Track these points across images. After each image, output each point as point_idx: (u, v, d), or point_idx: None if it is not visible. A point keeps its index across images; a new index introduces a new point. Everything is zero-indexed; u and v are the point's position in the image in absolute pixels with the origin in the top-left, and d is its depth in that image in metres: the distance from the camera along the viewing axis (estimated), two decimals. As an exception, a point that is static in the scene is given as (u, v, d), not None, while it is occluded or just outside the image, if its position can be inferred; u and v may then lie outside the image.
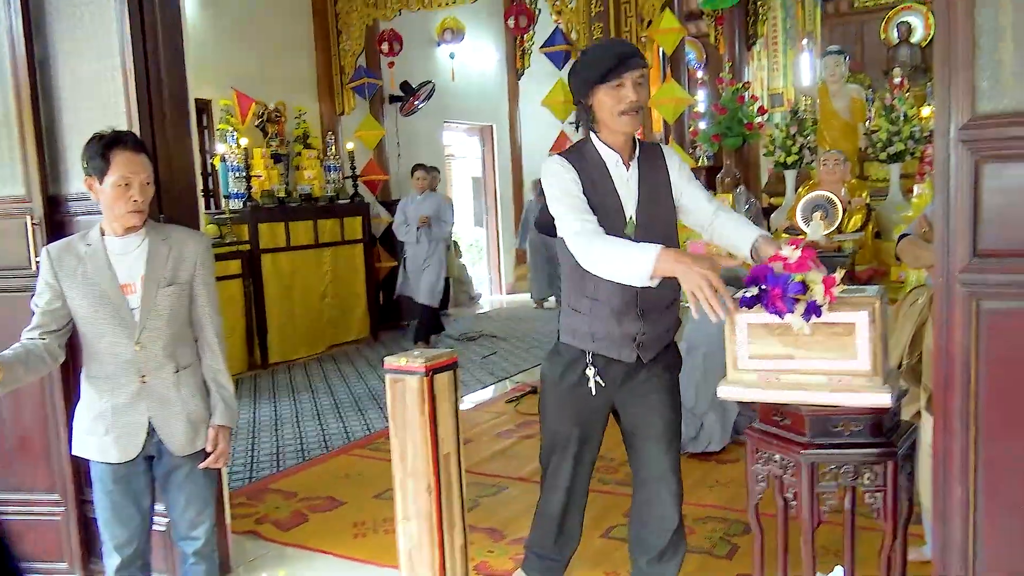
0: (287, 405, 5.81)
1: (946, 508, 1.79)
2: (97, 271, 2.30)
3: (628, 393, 2.40)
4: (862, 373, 1.76)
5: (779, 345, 1.82)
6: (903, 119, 6.56)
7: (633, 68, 2.21)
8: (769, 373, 1.85)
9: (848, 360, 1.76)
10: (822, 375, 1.80)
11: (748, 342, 1.86)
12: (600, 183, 2.28)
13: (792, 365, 1.82)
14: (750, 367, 1.87)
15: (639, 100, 2.23)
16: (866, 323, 1.74)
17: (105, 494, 2.38)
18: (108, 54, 2.84)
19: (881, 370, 1.74)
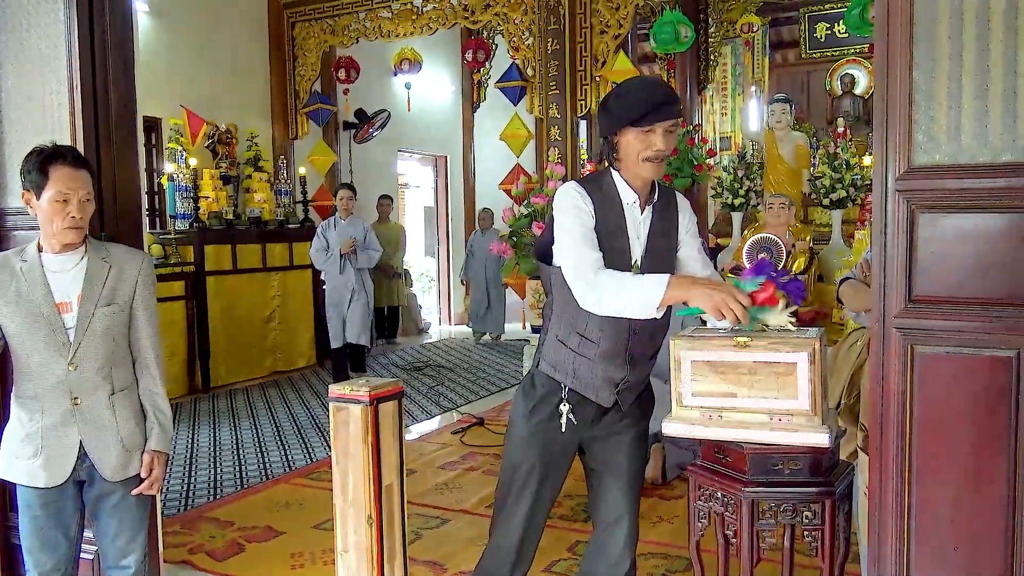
0: (227, 431, 5.68)
1: (880, 547, 1.83)
2: (32, 288, 2.24)
3: (597, 434, 2.33)
4: (802, 412, 1.78)
5: (722, 383, 1.84)
6: (845, 167, 6.78)
7: (668, 117, 2.12)
8: (712, 411, 1.86)
9: (788, 400, 1.79)
10: (763, 414, 1.81)
11: (692, 379, 1.87)
12: (613, 221, 2.20)
13: (734, 403, 1.84)
14: (694, 404, 1.88)
15: (666, 149, 2.14)
16: (806, 364, 1.77)
17: (31, 520, 2.29)
18: (54, 66, 2.79)
19: (820, 410, 1.77)
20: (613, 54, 7.17)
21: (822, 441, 1.77)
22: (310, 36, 8.68)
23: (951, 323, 1.73)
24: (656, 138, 2.12)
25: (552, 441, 2.29)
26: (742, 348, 1.81)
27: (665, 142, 2.13)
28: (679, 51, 8.08)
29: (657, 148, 2.13)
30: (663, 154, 2.14)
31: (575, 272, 2.09)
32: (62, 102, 2.77)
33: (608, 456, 2.36)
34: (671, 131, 2.14)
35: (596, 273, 2.06)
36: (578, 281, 2.08)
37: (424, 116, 10.94)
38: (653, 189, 2.25)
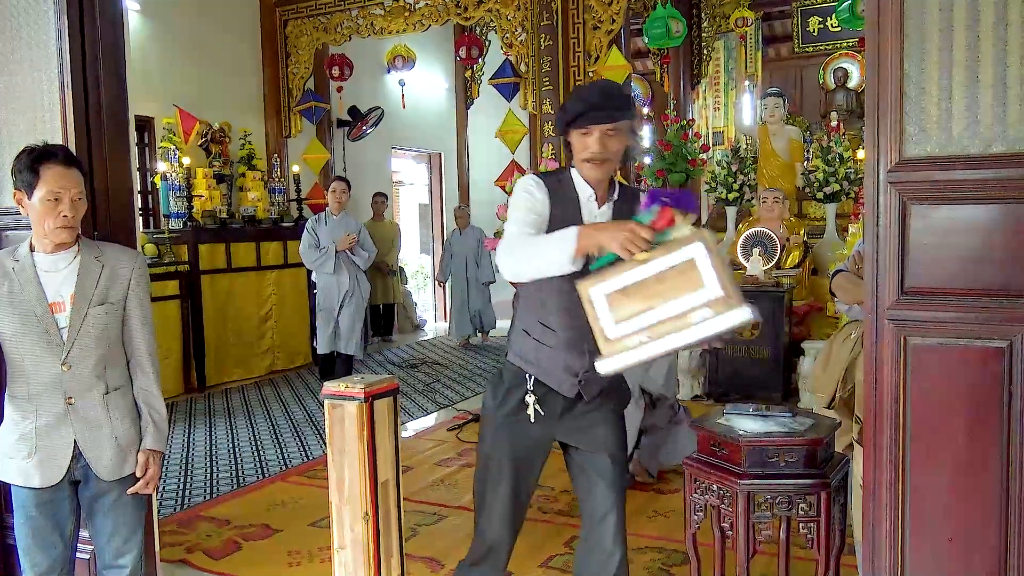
0: (223, 430, 5.67)
1: (875, 538, 1.84)
2: (24, 288, 2.23)
3: (572, 428, 2.35)
4: (716, 299, 1.76)
5: (638, 303, 1.83)
6: (839, 160, 6.80)
7: (601, 121, 2.16)
8: (639, 332, 1.84)
9: (700, 291, 1.77)
10: (685, 315, 1.79)
11: (610, 311, 1.86)
12: (569, 214, 2.23)
13: (655, 317, 1.81)
14: (620, 333, 1.86)
15: (603, 151, 2.17)
16: (703, 252, 1.77)
17: (26, 520, 2.29)
18: (45, 66, 2.78)
19: (733, 292, 1.75)
20: (606, 50, 7.16)
21: (745, 316, 1.73)
22: (303, 33, 8.66)
23: (944, 314, 1.74)
24: (591, 140, 2.16)
25: (521, 433, 2.30)
26: (642, 263, 1.82)
27: (600, 144, 2.16)
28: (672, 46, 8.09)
29: (592, 151, 2.16)
30: (600, 156, 2.17)
31: (501, 247, 2.13)
32: (53, 101, 2.76)
33: (588, 456, 2.36)
34: (611, 134, 2.16)
35: (515, 240, 2.11)
36: (501, 253, 2.12)
37: (418, 113, 10.93)
38: (612, 187, 2.29)
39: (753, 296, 5.68)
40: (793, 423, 2.15)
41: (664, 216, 1.84)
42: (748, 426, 2.14)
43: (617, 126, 2.17)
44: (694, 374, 6.10)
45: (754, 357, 5.75)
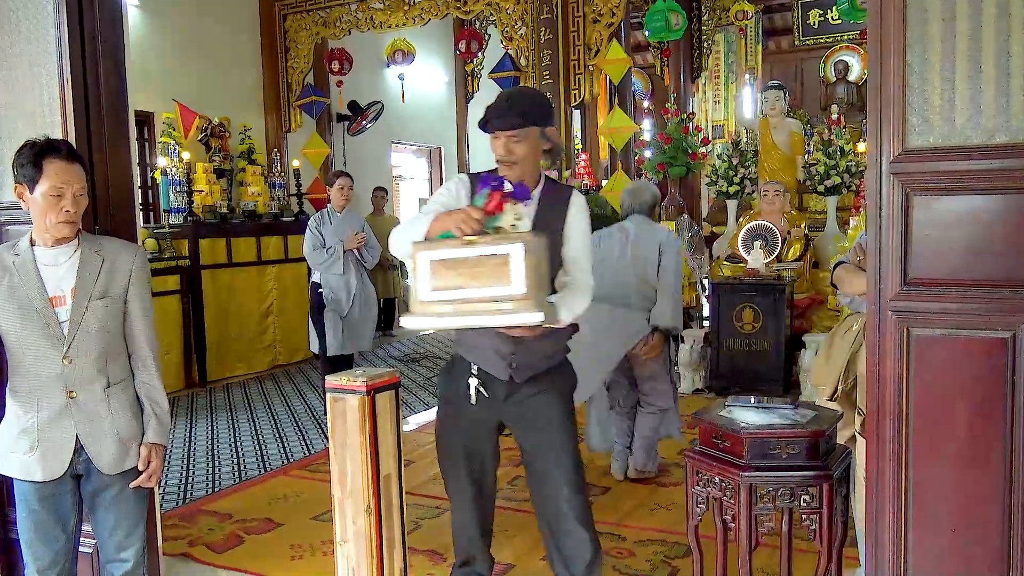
0: (224, 424, 5.68)
1: (878, 530, 1.84)
2: (25, 282, 2.23)
3: (517, 416, 2.45)
4: (518, 297, 1.93)
5: (454, 278, 2.01)
6: (840, 154, 6.78)
7: (501, 128, 2.34)
8: (446, 303, 2.02)
9: (507, 286, 1.94)
10: (488, 302, 1.97)
11: (430, 277, 2.03)
12: None
13: (464, 295, 2.00)
14: (431, 299, 2.04)
15: (508, 155, 2.34)
16: (520, 253, 1.93)
17: (29, 514, 2.29)
18: (45, 61, 2.77)
19: (534, 295, 1.94)
20: (606, 43, 7.15)
21: (535, 319, 1.94)
22: (302, 28, 8.65)
23: (947, 305, 1.74)
24: (498, 144, 2.37)
25: (468, 417, 2.44)
26: (468, 245, 2.00)
27: (505, 149, 2.34)
28: (672, 39, 8.07)
29: (498, 154, 2.37)
30: (507, 159, 2.34)
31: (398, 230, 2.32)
32: (53, 97, 2.75)
33: (536, 446, 2.46)
34: (515, 139, 2.33)
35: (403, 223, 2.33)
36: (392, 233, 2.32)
37: (417, 107, 10.91)
38: (537, 184, 2.43)
39: (754, 289, 5.73)
40: (795, 415, 2.15)
41: (493, 200, 2.04)
42: (750, 418, 2.14)
43: (519, 133, 2.33)
44: (695, 367, 6.10)
45: (755, 350, 5.75)
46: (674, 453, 4.54)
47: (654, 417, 4.15)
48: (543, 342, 2.39)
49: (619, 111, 7.71)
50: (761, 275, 5.84)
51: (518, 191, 2.09)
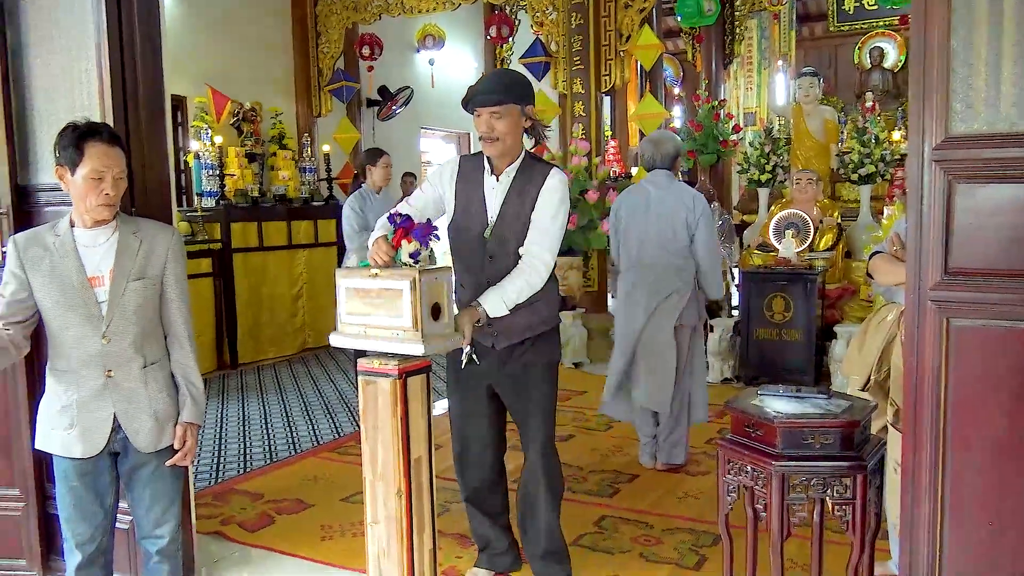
0: (255, 406, 5.75)
1: (913, 522, 1.82)
2: (64, 262, 2.26)
3: (504, 382, 2.78)
4: (407, 328, 2.19)
5: (363, 305, 2.28)
6: (875, 142, 6.68)
7: (485, 105, 2.55)
8: (360, 327, 2.29)
9: (398, 318, 2.20)
10: (388, 329, 2.23)
11: (346, 302, 2.31)
12: (471, 184, 2.71)
13: (370, 321, 2.27)
14: (348, 322, 2.31)
15: (490, 131, 2.57)
16: (408, 289, 2.17)
17: (68, 490, 2.34)
18: (83, 45, 2.79)
19: (421, 327, 2.18)
20: (638, 28, 7.09)
21: (416, 350, 2.18)
22: (333, 13, 8.67)
23: (988, 295, 1.70)
24: (480, 121, 2.59)
25: (463, 378, 2.80)
26: (373, 278, 2.24)
27: (487, 125, 2.56)
28: (704, 25, 7.98)
29: (480, 130, 2.59)
30: (489, 135, 2.58)
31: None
32: (91, 80, 2.78)
33: (513, 399, 2.80)
34: (497, 115, 2.55)
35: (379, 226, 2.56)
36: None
37: (447, 93, 10.89)
38: (512, 162, 2.65)
39: (786, 278, 5.67)
40: (829, 405, 2.13)
41: (396, 236, 2.28)
42: (783, 407, 2.12)
43: (500, 109, 2.54)
44: (724, 357, 6.06)
45: (785, 340, 5.70)
46: (702, 442, 4.53)
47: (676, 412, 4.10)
48: (521, 314, 2.63)
49: (650, 97, 7.65)
50: (792, 264, 5.78)
51: (417, 231, 2.28)
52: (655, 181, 4.09)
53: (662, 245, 3.98)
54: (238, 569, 3.12)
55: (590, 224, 6.33)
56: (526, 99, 2.62)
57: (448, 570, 3.03)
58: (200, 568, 3.07)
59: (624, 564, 3.08)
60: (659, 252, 3.99)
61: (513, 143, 2.62)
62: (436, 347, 2.26)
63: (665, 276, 3.98)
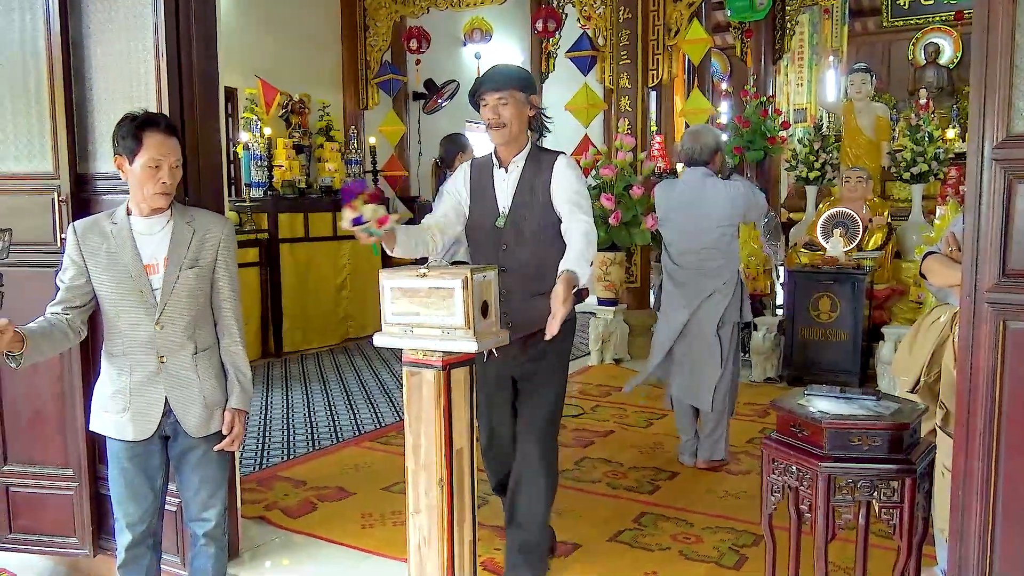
0: (299, 394, 5.83)
1: (963, 527, 1.78)
2: (121, 250, 2.32)
3: (522, 372, 2.80)
4: (459, 326, 2.21)
5: (410, 305, 2.30)
6: (928, 140, 6.52)
7: (491, 91, 2.65)
8: (406, 327, 2.30)
9: (450, 316, 2.22)
10: (437, 328, 2.25)
11: (391, 302, 2.32)
12: (483, 180, 2.80)
13: (419, 320, 2.28)
14: (393, 322, 2.33)
15: (497, 118, 2.66)
16: (460, 288, 2.19)
17: (120, 471, 2.40)
18: (141, 36, 2.86)
19: (473, 325, 2.21)
20: (686, 23, 7.01)
21: (470, 347, 2.21)
22: (381, 6, 8.71)
23: (1047, 298, 1.66)
24: (487, 110, 2.68)
25: (483, 373, 2.79)
26: (422, 277, 2.26)
27: (494, 112, 2.66)
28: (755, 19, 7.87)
29: (487, 117, 2.68)
30: (496, 122, 2.67)
31: None
32: (149, 71, 2.84)
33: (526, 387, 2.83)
34: (503, 102, 2.65)
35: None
36: None
37: (492, 87, 10.89)
38: (519, 152, 2.74)
39: (832, 277, 5.58)
40: (878, 406, 2.09)
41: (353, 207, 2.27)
42: (830, 408, 2.10)
43: (505, 95, 2.64)
44: (767, 356, 5.99)
45: (831, 340, 5.62)
46: (743, 441, 4.48)
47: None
48: (534, 302, 2.63)
49: (697, 93, 7.58)
50: (840, 264, 5.68)
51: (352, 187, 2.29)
52: (690, 178, 4.07)
53: (700, 243, 3.96)
54: (280, 554, 3.18)
55: (634, 220, 6.29)
56: (530, 88, 2.73)
57: (486, 562, 3.05)
58: (244, 552, 3.13)
59: (663, 561, 3.07)
60: (697, 251, 3.97)
61: (519, 130, 2.71)
62: (486, 344, 2.29)
63: (705, 275, 3.96)
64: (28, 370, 2.66)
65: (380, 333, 2.39)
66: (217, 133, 3.07)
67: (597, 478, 3.99)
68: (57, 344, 2.29)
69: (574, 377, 6.29)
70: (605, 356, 6.68)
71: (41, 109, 2.95)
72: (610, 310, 6.67)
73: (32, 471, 3.05)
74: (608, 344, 6.70)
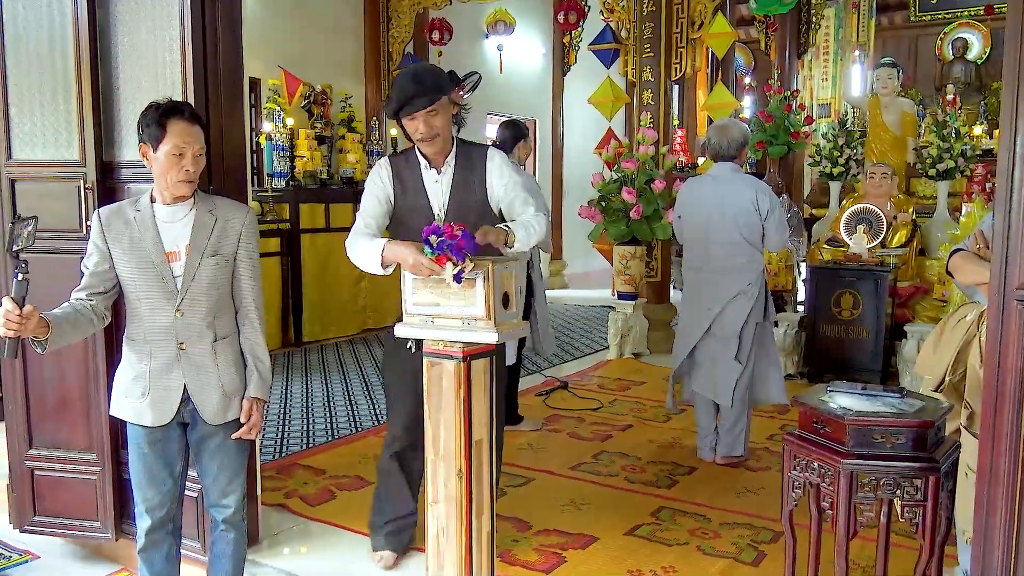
0: (318, 384, 5.86)
1: (987, 530, 1.76)
2: (144, 237, 2.33)
3: None
4: (479, 316, 2.24)
5: (431, 295, 2.33)
6: (955, 136, 6.44)
7: (419, 108, 2.57)
8: (426, 317, 2.33)
9: (471, 307, 2.25)
10: (458, 319, 2.28)
11: (412, 292, 2.35)
12: (411, 184, 2.75)
13: (439, 311, 2.31)
14: (414, 312, 2.36)
15: (431, 130, 2.61)
16: (482, 280, 2.21)
17: (139, 456, 2.42)
18: (167, 25, 2.87)
19: (494, 316, 2.23)
20: (711, 16, 6.95)
21: (490, 338, 2.23)
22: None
23: (1079, 297, 1.63)
24: (418, 123, 2.61)
25: (409, 365, 2.75)
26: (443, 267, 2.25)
27: (427, 125, 2.60)
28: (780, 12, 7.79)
29: (421, 131, 2.61)
30: (429, 134, 2.62)
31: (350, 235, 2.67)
32: (174, 59, 2.86)
33: None
34: (433, 113, 2.59)
35: (353, 236, 2.65)
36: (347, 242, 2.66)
37: (514, 79, 10.89)
38: (450, 149, 2.73)
39: (855, 274, 5.53)
40: (902, 404, 2.07)
41: (440, 260, 2.24)
42: (853, 404, 2.08)
43: (436, 106, 2.59)
44: (788, 352, 5.94)
45: (853, 338, 5.57)
46: (763, 437, 4.46)
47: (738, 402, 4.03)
48: None
49: (721, 87, 7.52)
50: (863, 260, 5.63)
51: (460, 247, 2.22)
52: (719, 174, 4.02)
53: (725, 243, 3.91)
54: (299, 541, 3.20)
55: (655, 214, 6.26)
56: (449, 87, 2.71)
57: (503, 553, 3.05)
58: (263, 538, 3.15)
59: (681, 556, 3.06)
60: (722, 250, 3.93)
61: (449, 134, 2.71)
62: (507, 335, 2.29)
63: (729, 277, 3.92)
64: (53, 355, 2.71)
65: (401, 323, 2.40)
66: (241, 122, 3.08)
67: (615, 472, 3.99)
68: (81, 329, 2.31)
69: (593, 371, 6.28)
70: (624, 350, 6.67)
71: (68, 97, 2.97)
72: (629, 304, 6.65)
73: (56, 455, 3.09)
74: (627, 339, 6.68)
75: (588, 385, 5.80)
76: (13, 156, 3.07)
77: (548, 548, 3.12)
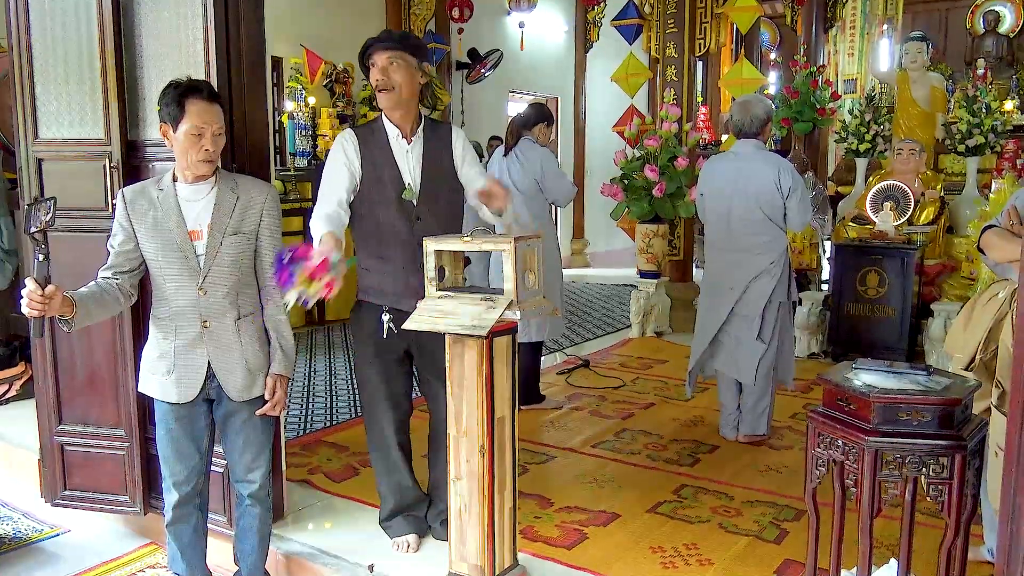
0: (342, 362, 5.90)
1: (1015, 510, 1.74)
2: (167, 215, 2.35)
3: (421, 345, 2.74)
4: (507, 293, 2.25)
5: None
6: (985, 111, 6.31)
7: (381, 50, 2.57)
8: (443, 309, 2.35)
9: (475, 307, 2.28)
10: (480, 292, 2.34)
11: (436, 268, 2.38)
12: (380, 154, 2.68)
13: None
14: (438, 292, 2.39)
15: (387, 80, 2.57)
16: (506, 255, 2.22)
17: (166, 432, 2.46)
18: (190, 2, 2.86)
19: (517, 293, 2.24)
20: (736, -10, 6.86)
21: (514, 316, 2.23)
22: (426, -26, 8.66)
23: (1113, 273, 1.60)
24: (376, 72, 2.60)
25: (380, 348, 2.76)
26: (468, 243, 2.30)
27: (384, 74, 2.58)
28: (807, -14, 7.66)
29: (376, 79, 2.59)
30: (385, 84, 2.58)
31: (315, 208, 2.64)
32: (197, 37, 2.86)
33: (431, 362, 2.73)
34: (392, 63, 2.57)
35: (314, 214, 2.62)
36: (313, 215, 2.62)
37: (536, 56, 10.81)
38: (419, 123, 2.72)
39: (881, 252, 5.46)
40: (928, 381, 2.05)
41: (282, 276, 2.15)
42: (878, 382, 2.06)
43: (394, 55, 2.57)
44: (812, 331, 5.90)
45: (878, 316, 5.51)
46: (786, 416, 4.44)
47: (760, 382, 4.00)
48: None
49: (746, 62, 7.42)
50: (889, 238, 5.56)
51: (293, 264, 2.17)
52: (742, 151, 3.97)
53: (747, 221, 3.87)
54: (323, 516, 3.23)
55: (678, 192, 6.21)
56: (420, 54, 2.68)
57: (525, 530, 3.07)
58: (288, 513, 3.19)
59: (703, 534, 3.06)
60: (744, 229, 3.88)
61: (409, 97, 2.65)
62: (529, 313, 2.30)
63: (753, 252, 3.87)
64: (82, 333, 2.74)
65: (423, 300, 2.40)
66: (264, 101, 3.08)
67: (637, 449, 3.99)
68: (108, 307, 2.34)
69: (614, 349, 6.27)
70: (647, 329, 6.65)
71: (93, 76, 2.99)
72: (652, 282, 6.62)
73: (86, 431, 3.14)
74: (649, 317, 6.65)
75: (610, 363, 5.79)
76: (40, 135, 3.10)
77: (570, 524, 3.13)
